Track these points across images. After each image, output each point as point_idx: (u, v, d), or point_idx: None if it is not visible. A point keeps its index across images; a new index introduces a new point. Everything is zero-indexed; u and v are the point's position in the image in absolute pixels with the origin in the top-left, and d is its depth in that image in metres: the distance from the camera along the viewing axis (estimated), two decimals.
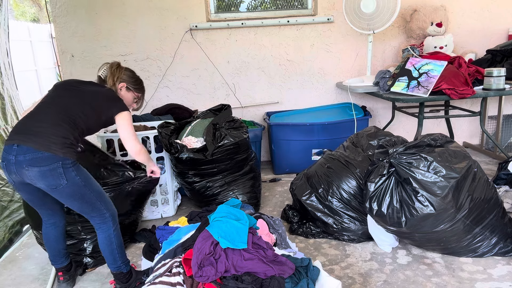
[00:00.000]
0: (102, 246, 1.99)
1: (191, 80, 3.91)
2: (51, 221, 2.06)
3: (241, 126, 2.91)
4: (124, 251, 2.07)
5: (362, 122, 3.60)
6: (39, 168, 1.74)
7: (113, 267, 2.03)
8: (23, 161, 1.74)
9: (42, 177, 1.75)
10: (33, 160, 1.74)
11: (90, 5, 3.65)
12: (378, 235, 2.35)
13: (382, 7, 3.31)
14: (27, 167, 1.74)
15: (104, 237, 1.98)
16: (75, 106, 1.91)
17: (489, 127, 4.08)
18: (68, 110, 1.88)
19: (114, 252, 2.00)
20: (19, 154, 1.74)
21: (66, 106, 1.90)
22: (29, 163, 1.74)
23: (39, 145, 1.75)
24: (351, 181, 2.42)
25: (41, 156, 1.74)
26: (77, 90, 1.99)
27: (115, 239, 2.00)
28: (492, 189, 2.17)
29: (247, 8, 3.94)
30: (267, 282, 1.62)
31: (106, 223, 1.97)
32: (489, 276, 2.06)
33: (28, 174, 1.76)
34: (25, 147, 1.75)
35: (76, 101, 1.93)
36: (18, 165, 1.75)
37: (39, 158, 1.74)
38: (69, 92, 1.98)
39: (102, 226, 1.97)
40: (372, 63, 3.81)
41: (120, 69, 2.15)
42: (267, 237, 2.04)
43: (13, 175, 1.79)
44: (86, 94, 1.98)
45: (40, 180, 1.76)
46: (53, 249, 2.10)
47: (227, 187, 2.85)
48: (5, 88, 3.18)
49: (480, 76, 3.22)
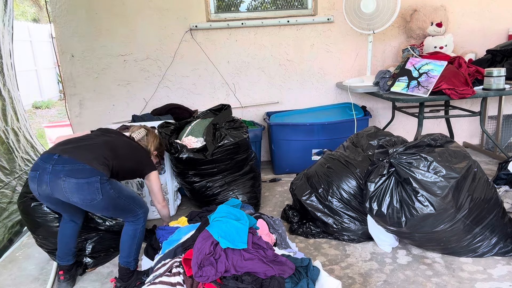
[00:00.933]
0: (125, 237, 2.04)
1: (191, 80, 3.91)
2: (71, 218, 2.12)
3: (241, 126, 2.91)
4: (139, 250, 2.11)
5: (362, 122, 3.60)
6: (77, 180, 1.75)
7: (123, 261, 2.05)
8: (61, 171, 1.75)
9: (78, 189, 1.76)
10: (72, 171, 1.75)
11: (90, 5, 3.65)
12: (378, 235, 2.35)
13: (382, 7, 3.31)
14: (64, 177, 1.74)
15: (131, 230, 2.03)
16: (120, 147, 2.01)
17: (489, 127, 4.08)
18: (114, 146, 1.98)
19: (133, 247, 2.05)
20: (58, 163, 1.76)
21: (113, 143, 2.00)
22: (68, 173, 1.75)
23: (80, 157, 1.79)
24: (351, 181, 2.42)
25: (81, 168, 1.76)
26: (124, 138, 2.15)
27: (139, 235, 2.06)
28: (492, 189, 2.17)
29: (247, 8, 3.94)
30: (267, 282, 1.62)
31: (138, 219, 2.05)
32: (489, 276, 2.06)
33: (63, 185, 1.75)
34: (66, 157, 1.78)
35: (121, 144, 2.04)
36: (54, 174, 1.75)
37: (79, 170, 1.76)
38: (118, 136, 2.11)
39: (134, 221, 2.04)
40: (372, 63, 3.81)
41: (157, 137, 2.39)
42: (267, 237, 2.04)
43: (43, 186, 1.78)
44: (131, 145, 2.13)
45: (75, 193, 1.77)
46: (65, 246, 2.13)
47: (227, 187, 2.85)
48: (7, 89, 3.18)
49: (480, 76, 3.22)
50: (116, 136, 2.12)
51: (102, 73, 3.79)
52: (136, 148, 2.16)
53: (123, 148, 2.04)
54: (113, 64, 3.80)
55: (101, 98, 3.86)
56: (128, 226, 2.04)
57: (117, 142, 2.05)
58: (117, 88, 3.85)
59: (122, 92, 3.87)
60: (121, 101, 3.89)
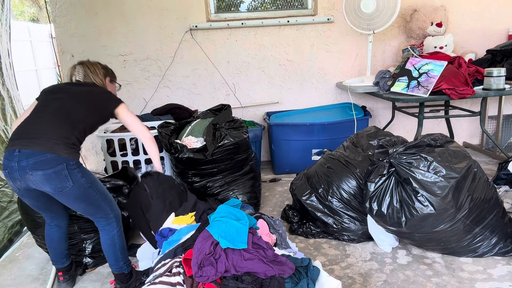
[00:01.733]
0: (105, 247, 1.98)
1: (191, 80, 3.91)
2: (55, 223, 2.06)
3: (241, 126, 2.91)
4: (127, 252, 2.06)
5: (362, 122, 3.60)
6: (43, 172, 1.70)
7: (115, 268, 2.03)
8: (26, 166, 1.70)
9: (47, 180, 1.72)
10: (37, 163, 1.70)
11: (90, 5, 3.64)
12: (378, 235, 2.35)
13: (382, 7, 3.31)
14: (30, 172, 1.70)
15: (107, 238, 1.97)
16: (72, 107, 1.89)
17: (489, 127, 4.08)
18: (66, 112, 1.86)
19: (117, 253, 2.00)
20: (21, 159, 1.70)
21: (63, 108, 1.87)
22: (33, 167, 1.70)
23: (41, 147, 1.72)
24: (351, 181, 2.42)
25: (44, 159, 1.70)
26: (70, 91, 1.97)
27: (118, 240, 1.99)
28: (492, 189, 2.17)
29: (247, 8, 3.94)
30: (267, 282, 1.62)
31: (111, 224, 1.96)
32: (489, 276, 2.06)
33: (32, 179, 1.72)
34: (27, 151, 1.71)
35: (73, 102, 1.90)
36: (22, 171, 1.71)
37: (42, 161, 1.70)
38: (63, 94, 1.95)
39: (106, 227, 1.96)
40: (372, 63, 3.80)
41: (95, 65, 2.13)
42: (267, 237, 2.04)
43: (17, 182, 1.75)
44: (80, 94, 1.96)
45: (45, 183, 1.73)
46: (55, 250, 2.10)
47: (227, 187, 2.85)
48: (6, 88, 3.18)
49: (480, 76, 3.22)
50: (63, 96, 1.93)
51: None
52: (87, 92, 1.99)
53: (74, 105, 1.90)
54: (113, 64, 3.77)
55: None
56: (104, 235, 1.97)
57: (66, 103, 1.89)
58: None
59: (122, 92, 3.85)
60: None
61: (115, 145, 2.83)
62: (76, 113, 1.88)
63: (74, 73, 2.09)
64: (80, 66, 2.09)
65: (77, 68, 2.09)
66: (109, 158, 2.86)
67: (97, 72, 2.10)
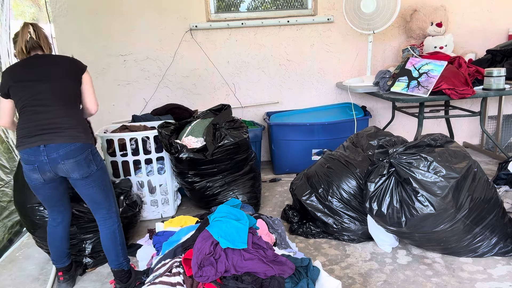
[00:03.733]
0: (106, 242, 2.01)
1: (191, 80, 3.91)
2: (59, 220, 2.08)
3: (241, 126, 2.91)
4: (126, 249, 2.09)
5: (362, 122, 3.60)
6: (74, 159, 1.83)
7: (115, 264, 2.04)
8: (57, 157, 1.81)
9: (78, 166, 1.85)
10: (68, 153, 1.82)
11: (90, 5, 3.64)
12: (378, 235, 2.35)
13: (382, 7, 3.31)
14: (62, 161, 1.82)
15: (108, 233, 2.01)
16: (62, 86, 1.91)
17: (489, 127, 4.08)
18: (63, 93, 1.90)
19: (118, 248, 2.03)
20: (50, 152, 1.80)
21: (58, 90, 1.88)
22: (65, 157, 1.82)
23: (66, 139, 1.82)
24: (351, 181, 2.42)
25: (74, 148, 1.83)
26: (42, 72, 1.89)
27: (119, 235, 2.04)
28: (492, 189, 2.17)
29: (247, 8, 3.94)
30: (267, 282, 1.62)
31: (112, 218, 2.02)
32: (489, 276, 2.06)
33: (64, 168, 1.83)
34: (53, 145, 1.81)
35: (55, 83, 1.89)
36: (53, 162, 1.82)
37: (72, 151, 1.82)
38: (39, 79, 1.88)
39: (108, 221, 2.01)
40: (372, 63, 3.80)
41: (39, 28, 1.96)
42: (267, 237, 2.04)
43: (47, 173, 1.86)
44: (58, 68, 1.93)
45: (76, 170, 1.85)
46: (57, 249, 2.12)
47: (227, 187, 2.85)
48: None
49: (480, 76, 3.21)
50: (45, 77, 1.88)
51: (102, 73, 3.79)
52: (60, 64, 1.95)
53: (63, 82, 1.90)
54: (113, 64, 3.79)
55: (101, 98, 3.81)
56: (104, 229, 2.01)
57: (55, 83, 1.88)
58: (117, 88, 3.85)
59: (122, 92, 3.87)
60: (121, 101, 3.88)
61: (115, 145, 2.83)
62: (66, 90, 1.92)
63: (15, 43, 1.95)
64: (18, 33, 1.93)
65: (24, 33, 1.91)
66: (109, 158, 2.86)
67: (41, 36, 1.96)
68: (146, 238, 2.55)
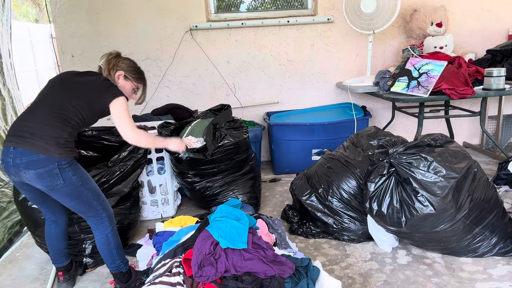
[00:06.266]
0: (100, 246, 1.99)
1: (191, 80, 3.91)
2: (53, 218, 2.06)
3: (241, 126, 2.91)
4: (123, 251, 2.06)
5: (362, 122, 3.60)
6: (35, 171, 1.75)
7: (112, 267, 2.02)
8: (19, 164, 1.75)
9: (39, 178, 1.77)
10: (29, 163, 1.74)
11: (90, 5, 3.65)
12: (378, 235, 2.35)
13: (382, 7, 3.31)
14: (24, 170, 1.75)
15: (101, 237, 1.97)
16: (65, 101, 1.85)
17: (489, 127, 4.08)
18: (58, 107, 1.83)
19: (113, 251, 2.00)
20: (16, 157, 1.75)
21: (56, 103, 1.85)
22: (25, 166, 1.74)
23: (34, 147, 1.75)
24: (351, 181, 2.42)
25: (36, 159, 1.74)
26: (70, 83, 1.93)
27: (113, 239, 1.99)
28: (492, 189, 2.17)
29: (247, 8, 3.94)
30: (267, 282, 1.62)
31: (103, 223, 1.96)
32: (489, 276, 2.06)
33: (25, 176, 1.77)
34: (20, 149, 1.75)
35: (67, 96, 1.87)
36: (16, 167, 1.76)
37: (34, 161, 1.74)
38: (61, 86, 1.92)
39: (99, 227, 1.97)
40: (372, 63, 3.80)
41: (117, 58, 2.04)
42: (267, 237, 2.04)
43: (12, 176, 1.82)
44: (78, 86, 1.91)
45: (38, 181, 1.78)
46: (55, 248, 2.10)
47: (227, 187, 2.85)
48: (7, 88, 3.18)
49: (480, 76, 3.21)
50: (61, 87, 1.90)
51: None
52: (85, 83, 1.92)
53: (69, 98, 1.85)
54: None
55: None
56: (98, 234, 1.97)
57: (62, 96, 1.86)
58: None
59: None
60: None
61: None
62: (69, 108, 1.84)
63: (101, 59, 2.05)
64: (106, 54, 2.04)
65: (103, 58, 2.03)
66: None
67: (112, 63, 2.00)
68: (146, 238, 2.56)
